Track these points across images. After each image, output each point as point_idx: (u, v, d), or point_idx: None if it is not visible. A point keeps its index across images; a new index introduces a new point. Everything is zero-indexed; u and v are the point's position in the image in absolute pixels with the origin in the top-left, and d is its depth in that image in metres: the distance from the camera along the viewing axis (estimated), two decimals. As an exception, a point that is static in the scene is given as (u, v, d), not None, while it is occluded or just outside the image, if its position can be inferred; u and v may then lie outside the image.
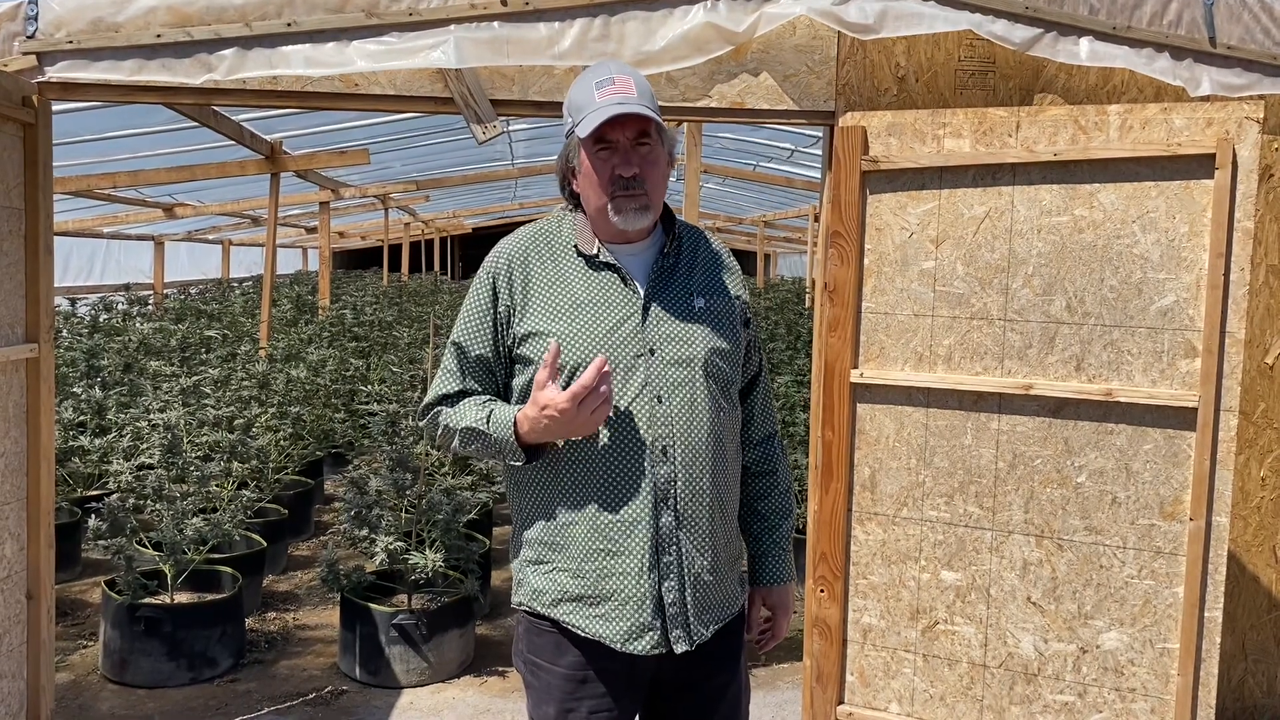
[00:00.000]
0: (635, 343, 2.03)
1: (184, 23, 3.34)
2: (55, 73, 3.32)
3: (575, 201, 2.18)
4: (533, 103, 3.53)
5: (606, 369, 1.92)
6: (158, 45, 3.33)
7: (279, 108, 4.09)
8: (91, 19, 3.32)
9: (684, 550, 2.01)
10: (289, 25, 3.35)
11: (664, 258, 2.11)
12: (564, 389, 1.91)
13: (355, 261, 29.34)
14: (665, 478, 1.99)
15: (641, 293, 2.06)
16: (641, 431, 1.99)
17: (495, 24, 3.37)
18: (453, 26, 3.36)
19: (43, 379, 3.35)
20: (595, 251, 2.08)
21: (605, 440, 1.99)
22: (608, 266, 2.08)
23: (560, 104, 3.54)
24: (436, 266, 25.21)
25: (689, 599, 2.02)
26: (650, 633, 2.00)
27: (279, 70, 3.36)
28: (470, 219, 22.42)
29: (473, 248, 33.95)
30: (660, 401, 2.01)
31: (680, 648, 2.01)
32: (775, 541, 2.26)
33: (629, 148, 2.03)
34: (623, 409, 1.99)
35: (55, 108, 5.22)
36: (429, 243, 26.27)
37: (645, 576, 1.99)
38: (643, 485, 1.98)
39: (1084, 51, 3.41)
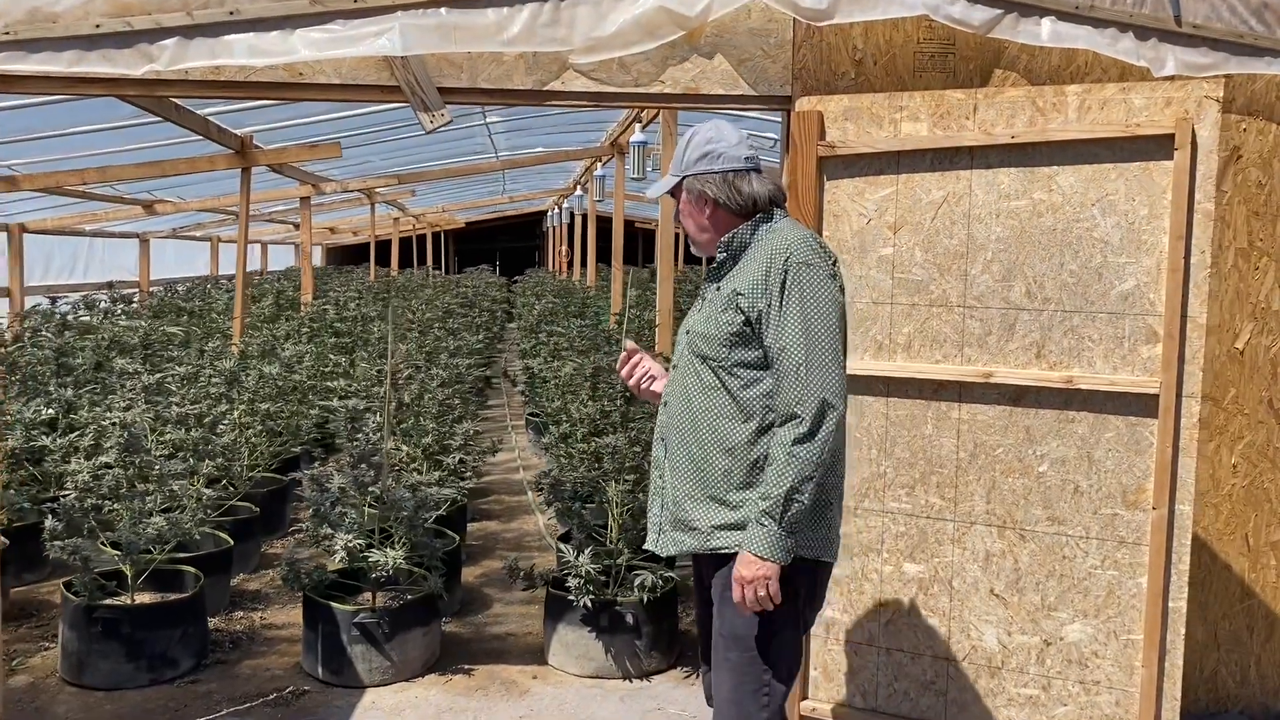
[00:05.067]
0: (686, 325, 2.67)
1: (124, 12, 3.26)
2: (-8, 65, 3.24)
3: None
4: (482, 90, 3.46)
5: (635, 359, 2.83)
6: (97, 35, 3.25)
7: (222, 98, 4.02)
8: (29, 8, 3.24)
9: (666, 474, 2.63)
10: (231, 14, 3.27)
11: (716, 261, 2.64)
12: None
13: (348, 257, 29.24)
14: (664, 422, 2.66)
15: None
16: (665, 389, 2.71)
17: (442, 10, 3.29)
18: (398, 13, 3.27)
19: (-16, 378, 3.29)
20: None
21: None
22: (711, 267, 2.69)
23: (510, 90, 3.49)
24: (429, 261, 25.10)
25: (663, 513, 2.64)
26: (651, 531, 2.69)
27: (221, 60, 3.28)
28: (460, 213, 22.33)
29: (467, 242, 33.85)
30: (675, 368, 2.67)
31: (649, 546, 2.69)
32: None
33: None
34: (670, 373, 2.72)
35: (14, 103, 5.15)
36: (421, 238, 26.16)
37: (652, 488, 2.71)
38: (657, 425, 2.70)
39: (1045, 32, 3.33)
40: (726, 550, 2.53)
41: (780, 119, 3.62)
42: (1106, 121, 3.07)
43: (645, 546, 2.74)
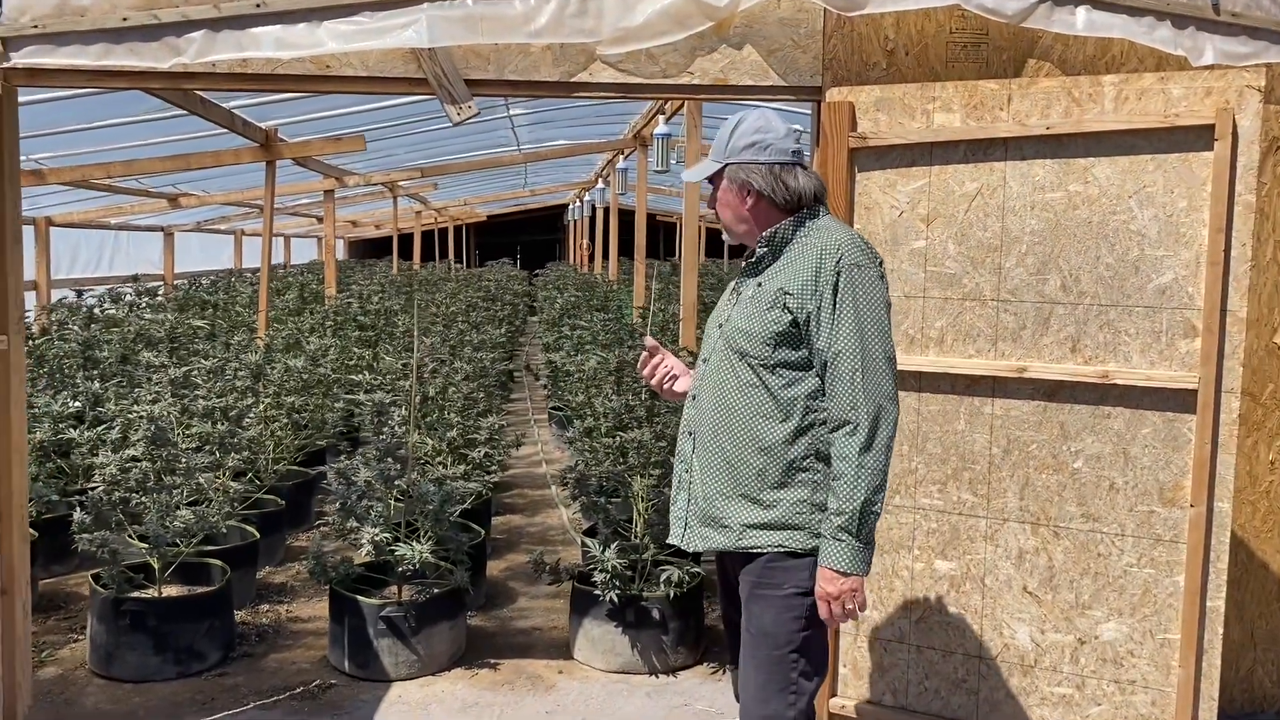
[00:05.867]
0: (718, 318, 2.64)
1: (151, 5, 3.25)
2: (20, 59, 3.24)
3: None
4: (509, 82, 3.43)
5: (656, 359, 2.79)
6: (124, 29, 3.25)
7: (249, 91, 4.01)
8: (57, 2, 3.24)
9: (694, 470, 2.59)
10: (258, 6, 3.25)
11: (753, 257, 2.59)
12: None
13: (370, 250, 29.32)
14: (693, 417, 2.62)
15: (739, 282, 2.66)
16: (694, 383, 2.67)
17: (469, 1, 3.27)
18: (425, 4, 3.26)
19: (13, 371, 3.30)
20: (751, 252, 2.63)
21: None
22: (745, 261, 2.65)
23: (538, 82, 3.47)
24: (451, 255, 25.13)
25: (690, 508, 2.61)
26: (675, 525, 2.66)
27: (249, 53, 3.27)
28: (482, 206, 22.34)
29: (489, 235, 33.85)
30: (705, 363, 2.62)
31: (674, 540, 2.65)
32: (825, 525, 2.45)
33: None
34: (698, 367, 2.68)
35: (40, 96, 5.16)
36: (443, 231, 26.19)
37: (676, 481, 2.67)
38: (684, 419, 2.68)
39: (1080, 21, 3.27)
40: (758, 550, 2.50)
41: (810, 110, 3.58)
42: (1144, 112, 3.01)
43: (670, 541, 2.70)
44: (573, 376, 7.18)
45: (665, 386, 2.81)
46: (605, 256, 17.08)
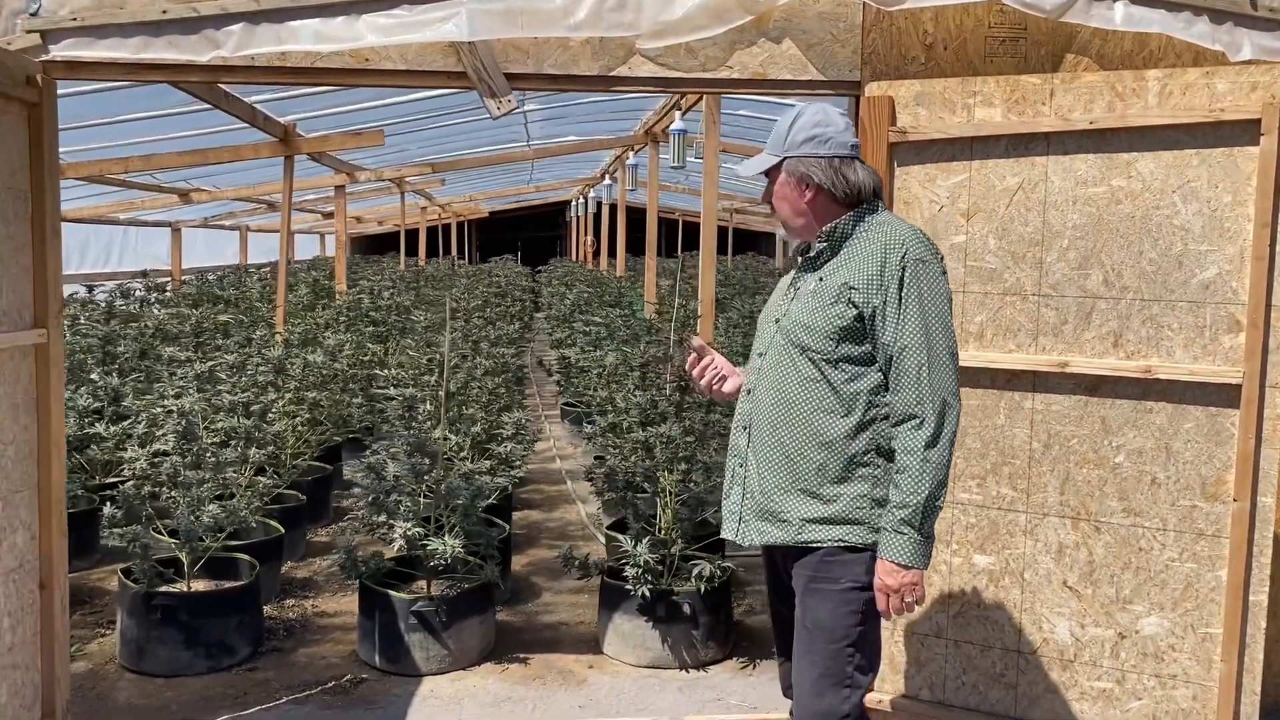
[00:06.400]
0: (775, 313, 2.63)
1: (190, -2, 3.24)
2: (59, 51, 3.23)
3: None
4: (548, 75, 3.43)
5: (706, 359, 2.75)
6: (163, 21, 3.25)
7: (289, 85, 4.00)
8: (96, -6, 3.23)
9: (749, 464, 2.59)
10: (297, -1, 3.25)
11: (811, 251, 2.58)
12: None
13: (373, 247, 29.25)
14: (748, 411, 2.61)
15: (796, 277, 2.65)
16: (748, 377, 2.66)
17: (509, -5, 3.26)
18: (465, -2, 3.25)
19: (52, 364, 3.29)
20: (807, 248, 2.63)
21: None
22: (803, 256, 2.63)
23: (576, 76, 3.46)
24: (454, 250, 25.09)
25: (745, 503, 2.60)
26: (728, 520, 2.65)
27: (288, 46, 3.27)
28: (486, 202, 22.31)
29: (490, 231, 33.82)
30: (761, 357, 2.61)
31: (727, 535, 2.65)
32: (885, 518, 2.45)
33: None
34: (752, 360, 2.67)
35: (63, 90, 5.15)
36: (446, 227, 26.16)
37: (729, 475, 2.67)
38: (739, 412, 2.66)
39: (1119, 16, 3.27)
40: (816, 544, 2.50)
41: (848, 104, 3.57)
42: (1189, 107, 3.01)
43: (723, 535, 2.69)
44: (589, 372, 7.18)
45: (715, 387, 2.78)
46: (611, 253, 17.07)
